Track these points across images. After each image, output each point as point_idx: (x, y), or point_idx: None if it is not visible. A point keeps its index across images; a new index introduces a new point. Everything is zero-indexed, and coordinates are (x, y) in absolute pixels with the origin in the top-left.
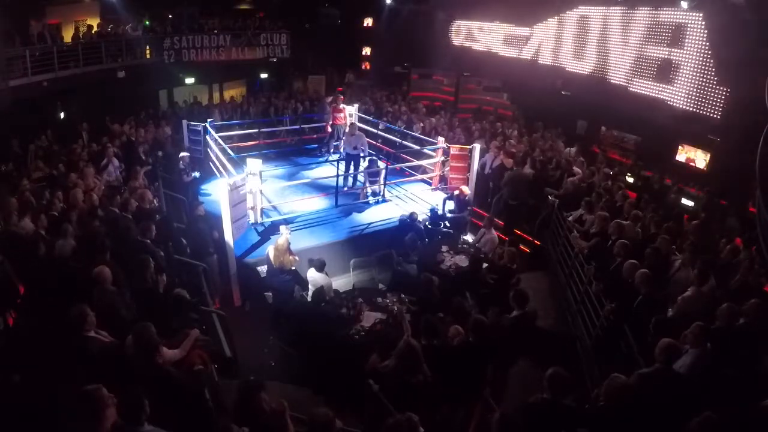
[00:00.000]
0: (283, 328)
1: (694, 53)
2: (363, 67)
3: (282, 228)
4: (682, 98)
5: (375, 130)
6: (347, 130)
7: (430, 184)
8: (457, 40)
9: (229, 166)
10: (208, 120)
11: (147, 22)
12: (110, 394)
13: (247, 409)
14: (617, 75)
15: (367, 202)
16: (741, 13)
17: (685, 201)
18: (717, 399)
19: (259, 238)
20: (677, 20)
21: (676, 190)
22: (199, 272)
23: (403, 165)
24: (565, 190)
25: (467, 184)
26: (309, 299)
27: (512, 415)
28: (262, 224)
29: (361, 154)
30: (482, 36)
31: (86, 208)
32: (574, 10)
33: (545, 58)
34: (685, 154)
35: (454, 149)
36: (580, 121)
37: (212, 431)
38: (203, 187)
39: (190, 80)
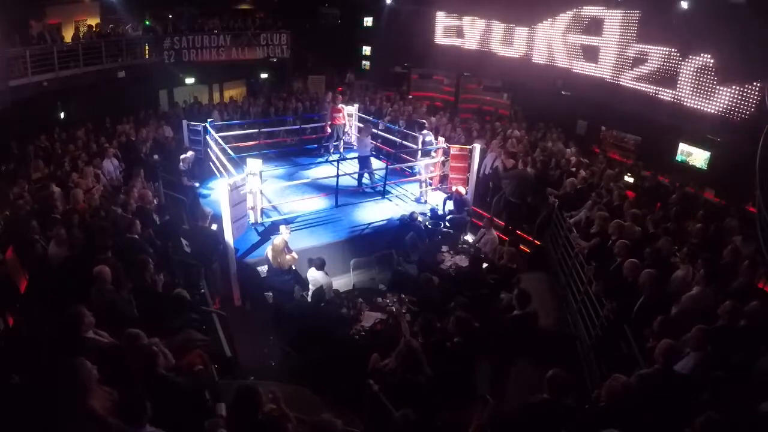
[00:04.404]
0: (283, 328)
1: None
2: (363, 67)
3: (282, 228)
4: None
5: (375, 130)
6: (347, 129)
7: (430, 184)
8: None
9: (229, 166)
10: (208, 120)
11: (147, 22)
12: (93, 366)
13: (245, 410)
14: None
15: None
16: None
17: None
18: (717, 399)
19: (259, 238)
20: None
21: (678, 190)
22: (200, 272)
23: (403, 165)
24: (565, 190)
25: (467, 184)
26: (309, 299)
27: (505, 411)
28: (262, 224)
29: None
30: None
31: (87, 208)
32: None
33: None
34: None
35: (454, 149)
36: (580, 121)
37: None
38: (203, 190)
39: (190, 80)
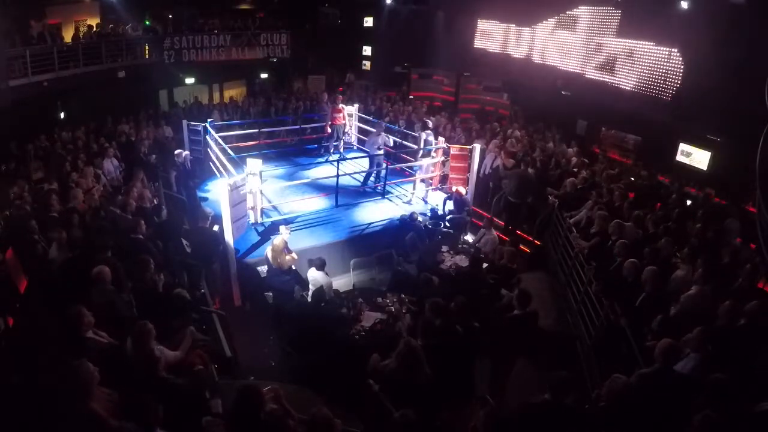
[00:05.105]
0: (283, 328)
1: None
2: (363, 66)
3: (282, 228)
4: None
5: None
6: (347, 129)
7: (429, 184)
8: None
9: (229, 166)
10: (208, 120)
11: (147, 22)
12: (95, 367)
13: (247, 410)
14: None
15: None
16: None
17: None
18: (717, 399)
19: (259, 238)
20: None
21: (677, 189)
22: (200, 272)
23: (402, 165)
24: (565, 190)
25: (466, 184)
26: (309, 299)
27: (501, 412)
28: (262, 224)
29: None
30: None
31: (87, 208)
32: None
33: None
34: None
35: (454, 149)
36: (580, 121)
37: None
38: (201, 193)
39: (190, 80)
